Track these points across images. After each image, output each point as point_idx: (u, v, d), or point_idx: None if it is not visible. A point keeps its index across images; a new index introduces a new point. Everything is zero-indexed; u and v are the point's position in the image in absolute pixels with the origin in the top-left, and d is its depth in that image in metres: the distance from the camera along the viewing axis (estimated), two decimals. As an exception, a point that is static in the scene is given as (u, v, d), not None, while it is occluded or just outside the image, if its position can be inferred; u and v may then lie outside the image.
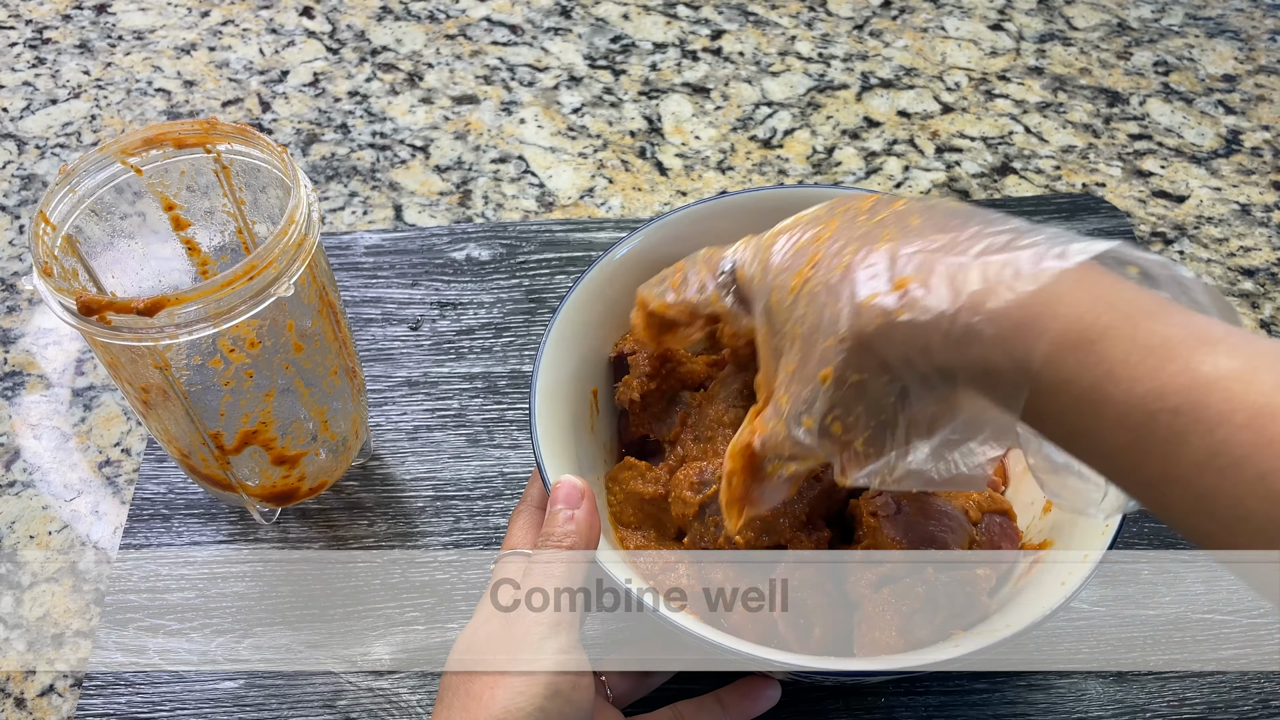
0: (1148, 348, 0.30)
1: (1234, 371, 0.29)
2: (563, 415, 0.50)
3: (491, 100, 0.81)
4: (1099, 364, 0.31)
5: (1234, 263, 0.70)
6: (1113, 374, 0.31)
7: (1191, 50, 0.84)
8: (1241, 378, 0.29)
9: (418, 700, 0.52)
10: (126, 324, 0.42)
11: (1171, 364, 0.30)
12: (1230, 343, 0.30)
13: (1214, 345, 0.30)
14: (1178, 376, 0.30)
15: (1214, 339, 0.30)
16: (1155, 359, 0.30)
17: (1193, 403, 0.29)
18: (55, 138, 0.78)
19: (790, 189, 0.55)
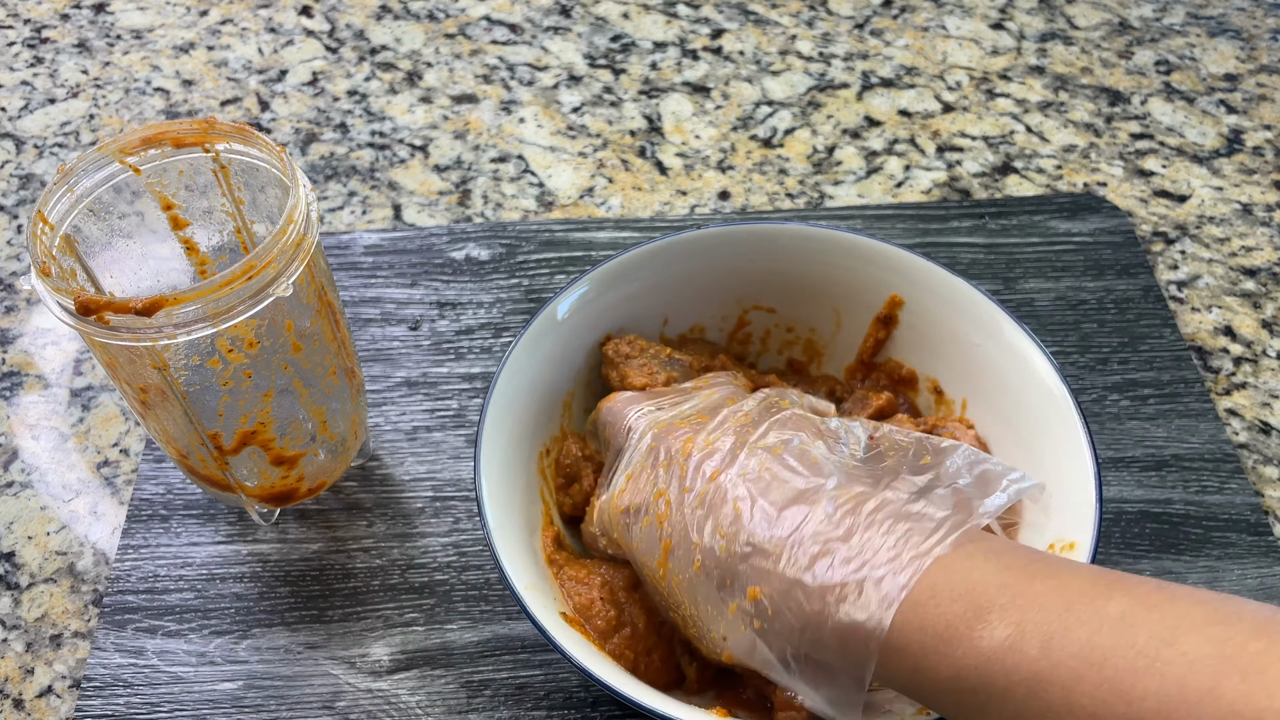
0: (937, 633, 0.34)
1: (1007, 642, 0.32)
2: (514, 481, 0.51)
3: (491, 100, 0.80)
4: (905, 659, 0.35)
5: (1235, 262, 0.70)
6: (919, 666, 0.34)
7: (1193, 49, 0.84)
8: (1013, 647, 0.32)
9: (417, 701, 0.52)
10: (125, 324, 0.42)
11: (956, 647, 0.33)
12: (1000, 607, 0.33)
13: (987, 615, 0.33)
14: (965, 659, 0.33)
15: (987, 607, 0.33)
16: (944, 645, 0.33)
17: (983, 680, 0.32)
18: (53, 137, 0.78)
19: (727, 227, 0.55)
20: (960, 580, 0.35)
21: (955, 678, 0.33)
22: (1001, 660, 0.32)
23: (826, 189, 0.74)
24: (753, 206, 0.73)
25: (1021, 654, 0.32)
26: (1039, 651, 0.31)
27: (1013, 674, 0.32)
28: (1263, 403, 0.63)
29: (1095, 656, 0.30)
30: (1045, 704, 0.31)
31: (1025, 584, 0.34)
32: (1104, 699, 0.30)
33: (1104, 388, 0.62)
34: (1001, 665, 0.32)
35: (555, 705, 0.51)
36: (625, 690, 0.42)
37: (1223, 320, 0.67)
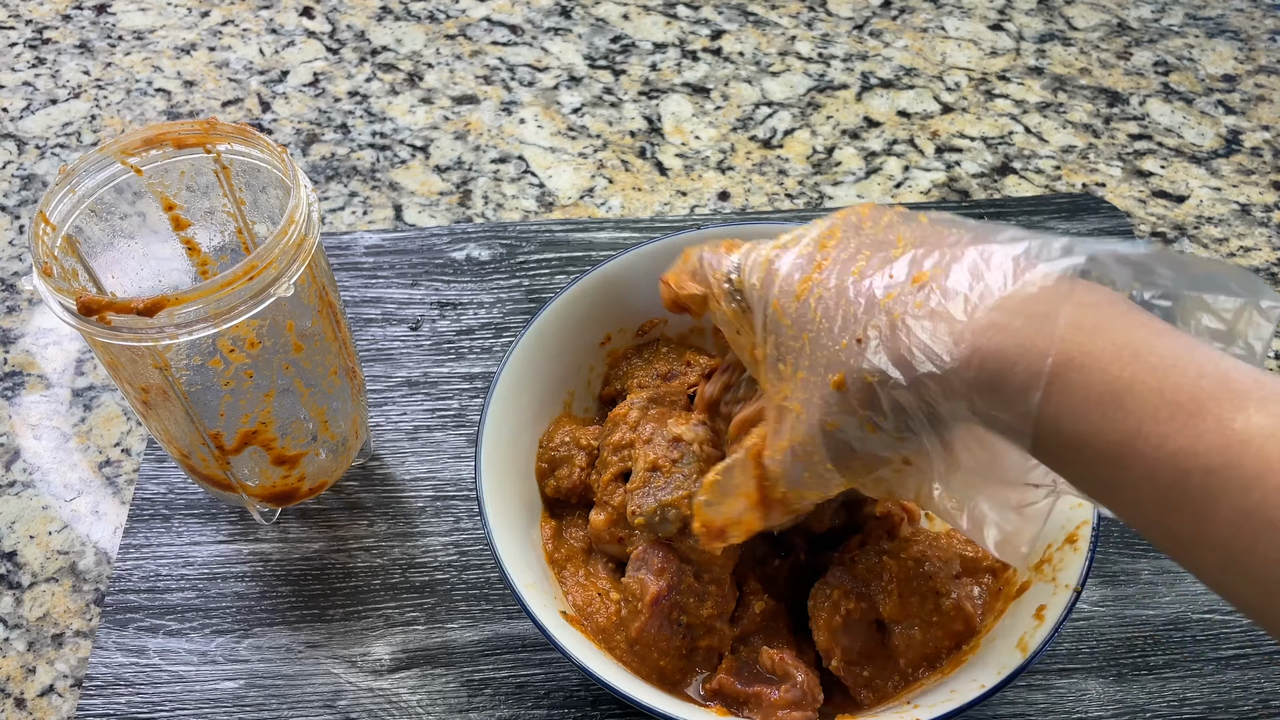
0: (1176, 403, 0.30)
1: (1268, 429, 0.28)
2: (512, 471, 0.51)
3: (491, 100, 0.81)
4: (1126, 419, 0.30)
5: (1234, 263, 0.70)
6: (1141, 430, 0.30)
7: (1191, 50, 0.84)
8: (1275, 436, 0.28)
9: (417, 700, 0.52)
10: (126, 324, 0.42)
11: (1202, 421, 0.29)
12: (1260, 396, 0.29)
13: (1245, 400, 0.29)
14: (1209, 434, 0.29)
15: (1244, 392, 0.29)
16: (1185, 415, 0.29)
17: (1226, 462, 0.28)
18: (55, 138, 0.78)
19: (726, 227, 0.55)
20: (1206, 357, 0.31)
21: (1188, 452, 0.29)
22: (1259, 446, 0.28)
23: (826, 189, 0.74)
24: (752, 207, 0.73)
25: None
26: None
27: (1270, 461, 0.28)
28: (1261, 402, 0.63)
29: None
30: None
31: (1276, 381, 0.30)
32: None
33: (1102, 387, 0.62)
34: (1258, 450, 0.28)
35: (555, 704, 0.52)
36: (625, 689, 0.42)
37: (1221, 320, 0.67)
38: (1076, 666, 0.52)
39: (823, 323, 0.37)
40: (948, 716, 0.41)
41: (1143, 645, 0.53)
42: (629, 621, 0.48)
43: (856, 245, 0.38)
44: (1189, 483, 0.29)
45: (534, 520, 0.52)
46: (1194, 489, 0.29)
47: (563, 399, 0.55)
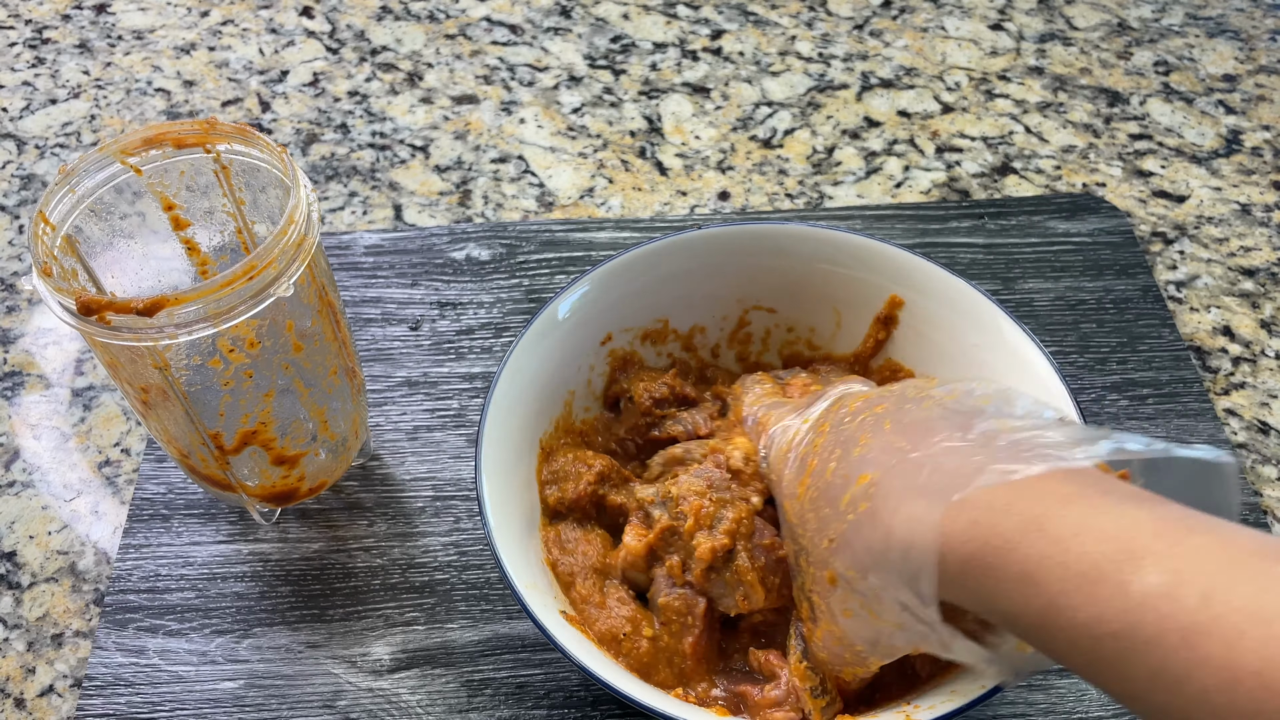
0: (1080, 573, 0.31)
1: (1162, 588, 0.30)
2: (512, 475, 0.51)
3: (491, 100, 0.81)
4: (1039, 595, 0.32)
5: (1234, 262, 0.70)
6: (1055, 604, 0.32)
7: (1192, 50, 0.84)
8: (1168, 595, 0.30)
9: (418, 700, 0.52)
10: (126, 324, 0.42)
11: (1103, 587, 0.31)
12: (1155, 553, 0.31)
13: (1141, 560, 0.31)
14: (1112, 600, 0.30)
15: (1142, 551, 0.31)
16: (1088, 585, 0.31)
17: (1129, 626, 0.30)
18: (55, 138, 0.78)
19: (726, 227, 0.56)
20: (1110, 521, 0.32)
21: (1096, 620, 0.31)
22: (1154, 607, 0.29)
23: (826, 189, 0.74)
24: (752, 207, 0.73)
25: (1178, 603, 0.29)
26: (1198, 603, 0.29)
27: (1165, 622, 0.29)
28: (1261, 403, 0.63)
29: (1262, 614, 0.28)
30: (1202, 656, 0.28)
31: (1184, 535, 0.31)
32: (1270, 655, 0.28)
33: (1103, 387, 0.63)
34: (1154, 612, 0.29)
35: (555, 704, 0.52)
36: (625, 689, 0.42)
37: (1221, 320, 0.67)
38: (1077, 667, 0.52)
39: (813, 524, 0.41)
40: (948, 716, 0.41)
41: (1143, 645, 0.53)
42: (681, 637, 0.48)
43: (834, 442, 0.42)
44: (1102, 648, 0.31)
45: (534, 520, 0.52)
46: (1107, 654, 0.31)
47: (563, 399, 0.55)
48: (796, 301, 0.58)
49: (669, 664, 0.47)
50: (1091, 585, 0.31)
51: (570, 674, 0.52)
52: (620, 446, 0.56)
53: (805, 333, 0.59)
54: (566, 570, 0.50)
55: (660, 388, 0.55)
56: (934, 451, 0.37)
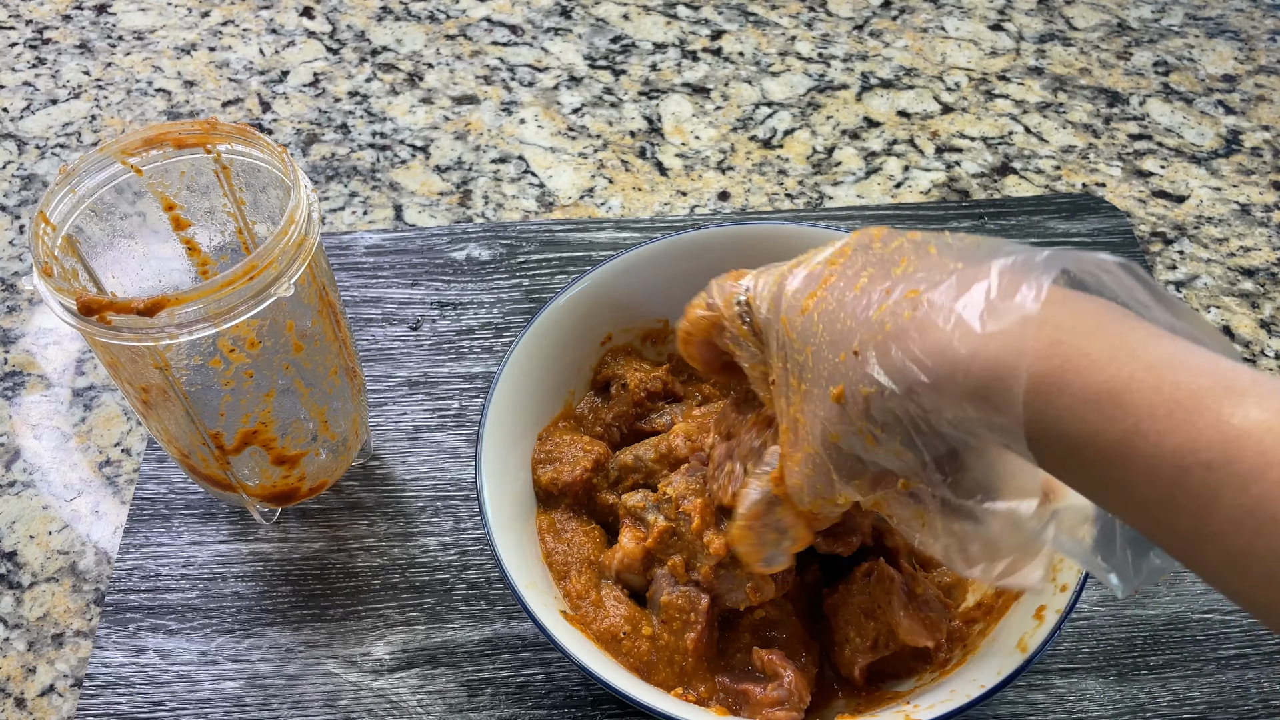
0: (1174, 400, 0.30)
1: (1266, 424, 0.28)
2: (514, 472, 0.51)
3: (491, 100, 0.81)
4: (1125, 418, 0.30)
5: (1234, 263, 0.70)
6: (1140, 428, 0.30)
7: (1191, 50, 0.84)
8: (1273, 430, 0.28)
9: (418, 700, 0.52)
10: (126, 324, 0.42)
11: (1200, 417, 0.29)
12: (1258, 393, 0.29)
13: (1242, 396, 0.29)
14: (1208, 430, 0.29)
15: (1241, 389, 0.29)
16: (1183, 411, 0.29)
17: (1225, 458, 0.28)
18: (55, 138, 0.78)
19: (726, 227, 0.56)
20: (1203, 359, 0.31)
21: (1187, 447, 0.29)
22: (1257, 440, 0.28)
23: (826, 189, 0.74)
24: (752, 207, 0.73)
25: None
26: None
27: (1268, 456, 0.28)
28: (1261, 402, 0.63)
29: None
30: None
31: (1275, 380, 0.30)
32: None
33: (1102, 387, 0.62)
34: (1256, 445, 0.28)
35: (555, 704, 0.52)
36: (625, 689, 0.42)
37: (1221, 320, 0.67)
38: (1076, 666, 0.52)
39: (824, 336, 0.37)
40: (948, 716, 0.41)
41: (1143, 645, 0.53)
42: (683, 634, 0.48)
43: (863, 263, 0.38)
44: (1189, 479, 0.29)
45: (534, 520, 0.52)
46: (1194, 485, 0.29)
47: (563, 399, 0.55)
48: (796, 301, 0.58)
49: (669, 663, 0.47)
50: (1186, 412, 0.29)
51: (570, 673, 0.52)
52: (606, 432, 0.56)
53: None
54: (561, 560, 0.51)
55: (655, 381, 0.55)
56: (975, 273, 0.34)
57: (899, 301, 0.35)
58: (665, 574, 0.49)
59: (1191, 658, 0.52)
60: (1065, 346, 0.31)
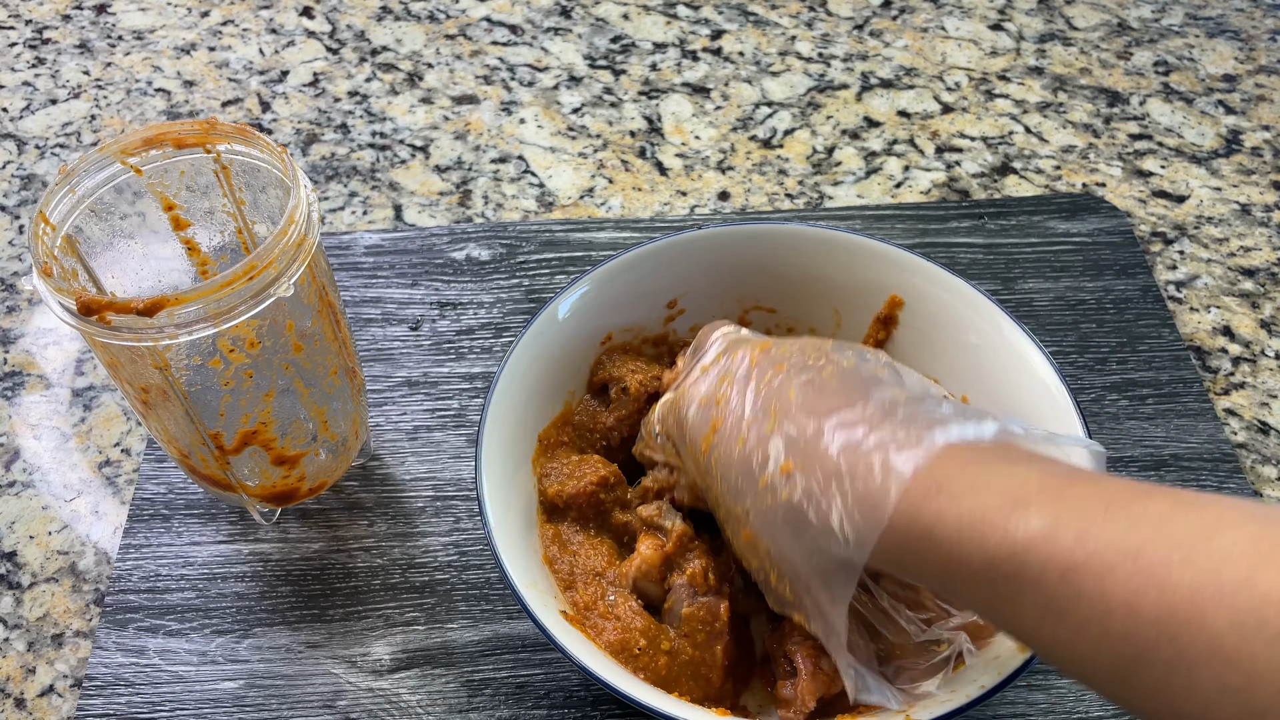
0: (971, 523, 0.34)
1: (1043, 531, 0.33)
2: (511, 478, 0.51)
3: (491, 100, 0.81)
4: (939, 548, 0.35)
5: (1234, 262, 0.70)
6: (952, 554, 0.35)
7: (1192, 50, 0.84)
8: (1049, 536, 0.32)
9: (418, 700, 0.52)
10: (126, 324, 0.42)
11: (992, 534, 0.34)
12: (1040, 501, 0.34)
13: (1026, 508, 0.33)
14: (1000, 545, 0.33)
15: (1026, 500, 0.34)
16: (980, 532, 0.34)
17: (1016, 567, 0.33)
18: (55, 138, 0.78)
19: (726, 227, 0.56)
20: (1001, 479, 0.35)
21: (988, 565, 0.34)
22: (1036, 548, 0.32)
23: (826, 189, 0.74)
24: (752, 207, 0.73)
25: (1056, 543, 0.32)
26: (1074, 542, 0.32)
27: (1047, 562, 0.32)
28: (1261, 402, 0.63)
29: (1130, 549, 0.31)
30: (1078, 590, 0.31)
31: (1065, 486, 0.34)
32: (1137, 587, 0.30)
33: (1103, 387, 0.63)
34: (1036, 553, 0.32)
35: (555, 704, 0.52)
36: (625, 689, 0.42)
37: (1221, 320, 0.67)
38: (1077, 666, 0.52)
39: (722, 485, 0.44)
40: (947, 716, 0.41)
41: (1143, 645, 0.53)
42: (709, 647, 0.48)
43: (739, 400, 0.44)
44: (996, 590, 0.34)
45: (534, 520, 0.52)
46: (1001, 595, 0.34)
47: (563, 399, 0.55)
48: (796, 302, 0.58)
49: (694, 675, 0.47)
50: (981, 534, 0.34)
51: (570, 674, 0.52)
52: (606, 435, 0.55)
53: (805, 333, 0.59)
54: (565, 570, 0.50)
55: (654, 382, 0.55)
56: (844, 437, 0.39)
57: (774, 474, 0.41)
58: (684, 584, 0.48)
59: (1192, 658, 0.52)
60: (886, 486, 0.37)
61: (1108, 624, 0.31)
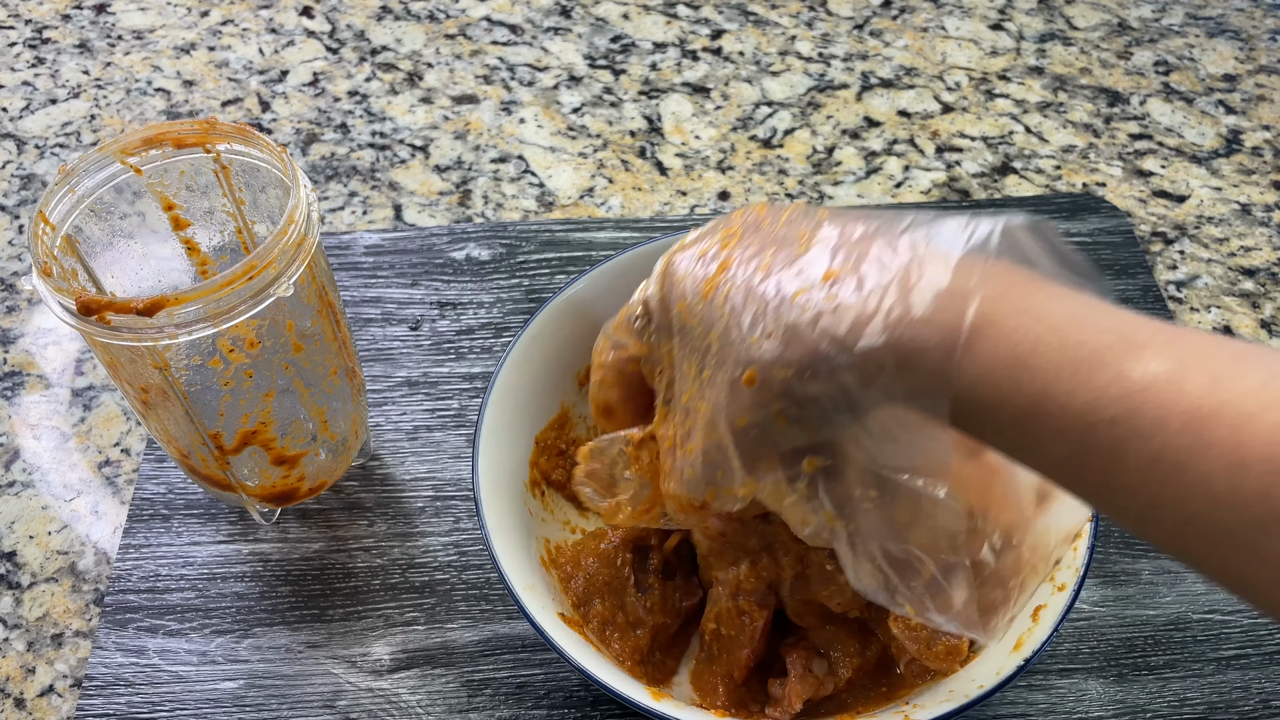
0: (1077, 359, 0.30)
1: (1164, 375, 0.29)
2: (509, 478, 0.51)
3: (491, 100, 0.81)
4: (1032, 381, 0.31)
5: (1234, 262, 0.70)
6: (1047, 390, 0.30)
7: (1192, 50, 0.84)
8: (1172, 381, 0.29)
9: (418, 700, 0.52)
10: (126, 324, 0.42)
11: (1102, 374, 0.30)
12: (1157, 344, 0.30)
13: (1141, 349, 0.30)
14: (1110, 386, 0.30)
15: (1140, 342, 0.30)
16: (1086, 370, 0.30)
17: (1128, 411, 0.29)
18: (55, 137, 0.78)
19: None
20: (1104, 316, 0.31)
21: (1091, 406, 0.30)
22: (1158, 392, 0.29)
23: (826, 189, 0.74)
24: (752, 207, 0.73)
25: (1182, 389, 0.29)
26: (1204, 388, 0.28)
27: (1168, 407, 0.28)
28: (1261, 402, 0.63)
29: (1273, 400, 0.27)
30: (1206, 441, 0.28)
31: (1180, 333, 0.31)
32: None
33: (1103, 387, 0.62)
34: (1157, 397, 0.29)
35: (555, 704, 0.52)
36: (624, 690, 0.42)
37: (1222, 320, 0.67)
38: (1077, 667, 0.52)
39: (732, 319, 0.36)
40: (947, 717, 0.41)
41: (1143, 645, 0.53)
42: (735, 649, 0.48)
43: (760, 243, 0.38)
44: (1096, 436, 0.30)
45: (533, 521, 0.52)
46: (1101, 441, 0.30)
47: (559, 400, 0.55)
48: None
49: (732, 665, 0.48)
50: (1089, 371, 0.30)
51: (570, 674, 0.52)
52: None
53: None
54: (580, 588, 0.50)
55: None
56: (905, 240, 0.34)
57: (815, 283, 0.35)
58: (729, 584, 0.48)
59: (1192, 658, 0.52)
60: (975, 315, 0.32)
61: (1240, 479, 0.27)
